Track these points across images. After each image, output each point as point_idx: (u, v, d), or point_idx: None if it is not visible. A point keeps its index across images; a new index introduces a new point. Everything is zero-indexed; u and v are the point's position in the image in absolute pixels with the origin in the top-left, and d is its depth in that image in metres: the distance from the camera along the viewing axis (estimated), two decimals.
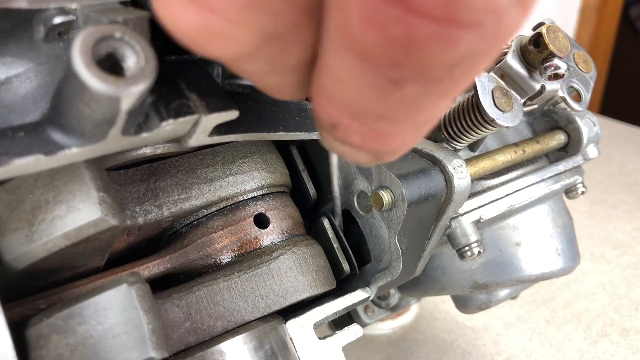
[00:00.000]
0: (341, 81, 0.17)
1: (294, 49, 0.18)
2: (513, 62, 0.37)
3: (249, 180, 0.36)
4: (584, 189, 0.47)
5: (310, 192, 0.41)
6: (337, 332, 0.36)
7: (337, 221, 0.40)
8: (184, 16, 0.16)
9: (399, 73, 0.16)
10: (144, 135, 0.24)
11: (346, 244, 0.40)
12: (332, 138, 0.20)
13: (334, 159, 0.35)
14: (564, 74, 0.36)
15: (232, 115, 0.25)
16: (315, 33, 0.17)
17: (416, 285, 0.48)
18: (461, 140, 0.38)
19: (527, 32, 0.38)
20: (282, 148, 0.41)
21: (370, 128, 0.18)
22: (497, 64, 0.38)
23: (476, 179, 0.42)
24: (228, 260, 0.35)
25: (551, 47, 0.36)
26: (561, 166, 0.45)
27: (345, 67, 0.16)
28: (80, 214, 0.26)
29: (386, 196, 0.35)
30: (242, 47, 0.17)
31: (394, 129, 0.19)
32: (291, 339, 0.35)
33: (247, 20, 0.16)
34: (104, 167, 0.29)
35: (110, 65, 0.20)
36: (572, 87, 0.41)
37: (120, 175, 0.32)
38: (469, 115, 0.37)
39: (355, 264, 0.40)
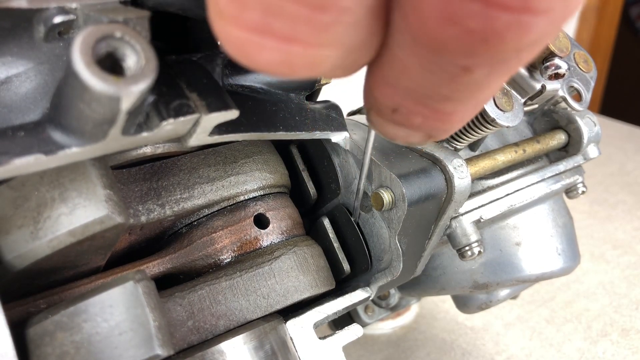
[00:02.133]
0: (408, 72, 0.17)
1: (369, 52, 0.18)
2: None
3: (251, 180, 0.36)
4: (584, 189, 0.47)
5: (310, 192, 0.41)
6: (337, 331, 0.36)
7: (354, 217, 0.39)
8: (263, 55, 0.16)
9: (472, 61, 0.16)
10: (144, 134, 0.24)
11: (362, 238, 0.39)
12: (388, 121, 0.20)
13: (371, 141, 0.34)
14: (564, 74, 0.36)
15: (232, 114, 0.25)
16: (384, 32, 0.18)
17: (416, 285, 0.48)
18: (461, 140, 0.38)
19: None
20: (282, 148, 0.41)
21: (433, 109, 0.19)
22: None
23: (476, 178, 0.42)
24: (228, 260, 0.35)
25: (551, 47, 0.36)
26: (561, 166, 0.45)
27: (415, 60, 0.17)
28: (87, 211, 0.26)
29: (386, 196, 0.35)
30: (326, 67, 0.17)
31: (457, 108, 0.19)
32: (291, 338, 0.35)
33: (332, 40, 0.16)
34: (109, 165, 0.29)
35: (111, 64, 0.20)
36: (572, 86, 0.41)
37: (123, 174, 0.32)
38: None
39: (369, 258, 0.39)
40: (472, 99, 0.19)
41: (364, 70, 0.20)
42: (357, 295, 0.38)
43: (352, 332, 0.37)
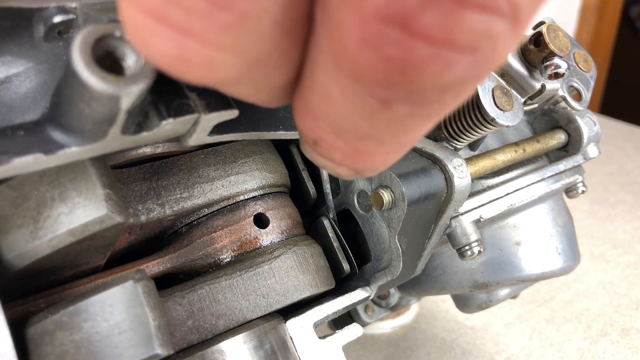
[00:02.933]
0: (328, 99, 0.17)
1: (279, 71, 0.17)
2: (513, 61, 0.37)
3: (250, 179, 0.36)
4: (584, 189, 0.47)
5: (310, 192, 0.41)
6: (337, 331, 0.36)
7: (331, 214, 0.39)
8: (158, 43, 0.15)
9: (390, 94, 0.16)
10: (144, 134, 0.24)
11: (346, 244, 0.40)
12: (313, 152, 0.20)
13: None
14: (564, 73, 0.36)
15: (232, 114, 0.25)
16: (301, 52, 0.17)
17: (416, 284, 0.48)
18: (461, 140, 0.38)
19: (527, 31, 0.38)
20: (282, 147, 0.41)
21: (353, 147, 0.18)
22: None
23: (476, 178, 0.42)
24: (228, 259, 0.35)
25: (551, 46, 0.36)
26: (561, 165, 0.45)
27: (335, 86, 0.16)
28: (86, 210, 0.26)
29: (386, 195, 0.35)
30: (225, 74, 0.16)
31: (377, 149, 0.19)
32: (291, 338, 0.35)
33: (231, 44, 0.15)
34: (108, 165, 0.29)
35: (110, 64, 0.20)
36: (572, 86, 0.41)
37: (122, 174, 0.32)
38: (469, 114, 0.37)
39: (355, 264, 0.39)
40: (393, 141, 0.18)
41: None
42: (357, 295, 0.38)
43: (352, 331, 0.37)
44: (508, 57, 0.37)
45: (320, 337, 0.35)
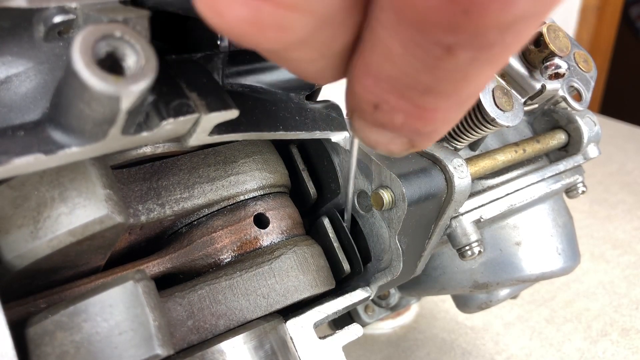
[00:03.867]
0: (391, 56, 0.17)
1: (344, 31, 0.18)
2: (513, 61, 0.37)
3: (250, 180, 0.36)
4: (584, 189, 0.47)
5: (310, 192, 0.41)
6: (337, 331, 0.36)
7: (346, 220, 0.39)
8: (232, 10, 0.16)
9: (454, 38, 0.16)
10: (144, 134, 0.24)
11: (353, 242, 0.39)
12: (369, 123, 0.20)
13: (355, 152, 0.34)
14: (564, 74, 0.36)
15: (232, 114, 0.25)
16: (363, 11, 0.17)
17: (416, 284, 0.48)
18: (462, 140, 0.38)
19: None
20: (282, 147, 0.41)
21: (415, 104, 0.18)
22: None
23: (476, 178, 0.42)
24: (228, 260, 0.35)
25: (551, 47, 0.36)
26: (561, 165, 0.45)
27: (397, 40, 0.16)
28: (86, 210, 0.26)
29: (386, 195, 0.35)
30: (296, 35, 0.17)
31: (439, 104, 0.19)
32: (291, 338, 0.35)
33: (302, 3, 0.16)
34: (108, 165, 0.29)
35: (110, 64, 0.20)
36: (572, 86, 0.41)
37: (122, 174, 0.32)
38: (469, 114, 0.37)
39: (361, 262, 0.39)
40: (456, 92, 0.18)
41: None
42: (357, 295, 0.38)
43: (352, 331, 0.37)
44: None
45: (320, 337, 0.35)
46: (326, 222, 0.40)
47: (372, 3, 0.17)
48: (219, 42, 0.30)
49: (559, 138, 0.46)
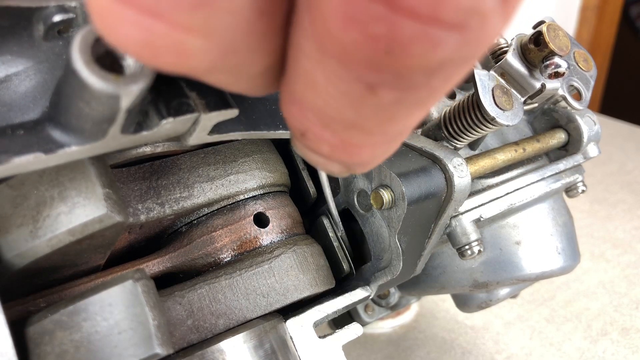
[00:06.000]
0: (314, 86, 0.16)
1: (258, 57, 0.16)
2: (513, 60, 0.37)
3: (250, 179, 0.36)
4: (584, 188, 0.47)
5: (310, 191, 0.41)
6: (337, 330, 0.36)
7: (339, 230, 0.39)
8: (123, 28, 0.14)
9: (376, 77, 0.15)
10: (144, 133, 0.24)
11: (345, 245, 0.40)
12: (302, 146, 0.19)
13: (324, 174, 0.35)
14: (564, 73, 0.36)
15: (231, 113, 0.25)
16: (282, 36, 0.16)
17: (416, 284, 0.48)
18: (461, 139, 0.38)
19: (527, 30, 0.38)
20: (282, 147, 0.41)
21: (340, 138, 0.18)
22: (497, 63, 0.38)
23: (476, 177, 0.42)
24: (228, 259, 0.35)
25: (551, 46, 0.36)
26: (561, 165, 0.45)
27: (320, 71, 0.15)
28: (86, 210, 0.26)
29: (386, 195, 0.34)
30: (198, 61, 0.15)
31: (365, 140, 0.18)
32: (291, 337, 0.35)
33: (201, 26, 0.14)
34: (108, 164, 0.29)
35: (110, 63, 0.20)
36: (572, 85, 0.41)
37: (122, 173, 0.32)
38: (469, 113, 0.37)
39: (352, 265, 0.39)
40: (381, 131, 0.17)
41: None
42: (357, 294, 0.38)
43: (352, 331, 0.37)
44: (508, 56, 0.37)
45: (320, 337, 0.35)
46: (326, 221, 0.40)
47: (293, 27, 0.16)
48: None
49: (559, 137, 0.46)
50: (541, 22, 0.37)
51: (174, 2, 0.14)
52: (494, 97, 0.35)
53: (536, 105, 0.46)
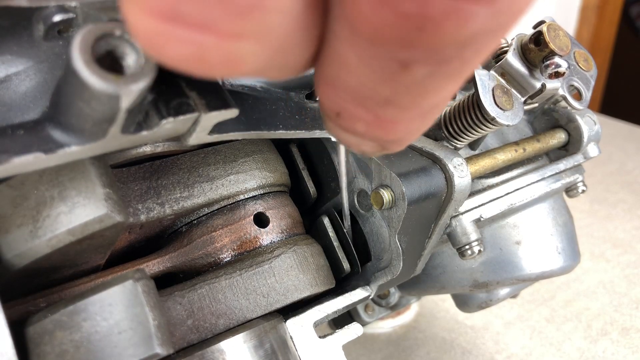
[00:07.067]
0: (347, 67, 0.16)
1: (303, 49, 0.17)
2: (514, 60, 0.37)
3: (250, 179, 0.36)
4: (584, 188, 0.47)
5: (310, 191, 0.41)
6: (337, 330, 0.36)
7: (346, 223, 0.39)
8: (173, 47, 0.14)
9: (409, 54, 0.15)
10: (144, 133, 0.23)
11: (351, 243, 0.40)
12: (337, 127, 0.20)
13: (342, 153, 0.34)
14: (564, 73, 0.36)
15: (232, 113, 0.25)
16: (322, 24, 0.16)
17: (416, 283, 0.48)
18: (462, 139, 0.38)
19: (527, 30, 0.38)
20: (282, 146, 0.41)
21: (375, 115, 0.18)
22: (497, 63, 0.38)
23: (476, 177, 0.42)
24: (228, 259, 0.35)
25: (552, 46, 0.36)
26: (562, 165, 0.45)
27: (353, 53, 0.16)
28: (86, 210, 0.26)
29: (386, 195, 0.34)
30: (250, 66, 0.15)
31: (400, 116, 0.18)
32: (291, 337, 0.35)
33: (252, 30, 0.14)
34: (108, 164, 0.29)
35: (110, 63, 0.20)
36: (572, 85, 0.41)
37: (122, 173, 0.32)
38: (469, 113, 0.37)
39: (358, 262, 0.39)
40: (415, 105, 0.18)
41: None
42: (357, 294, 0.38)
43: (352, 331, 0.37)
44: (508, 55, 0.37)
45: (320, 337, 0.35)
46: (326, 221, 0.40)
47: (329, 13, 0.16)
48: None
49: (559, 137, 0.46)
50: (541, 22, 0.37)
51: (222, 12, 0.13)
52: (494, 97, 0.35)
53: (536, 105, 0.46)
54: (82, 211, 0.26)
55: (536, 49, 0.36)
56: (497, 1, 0.14)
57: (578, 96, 0.42)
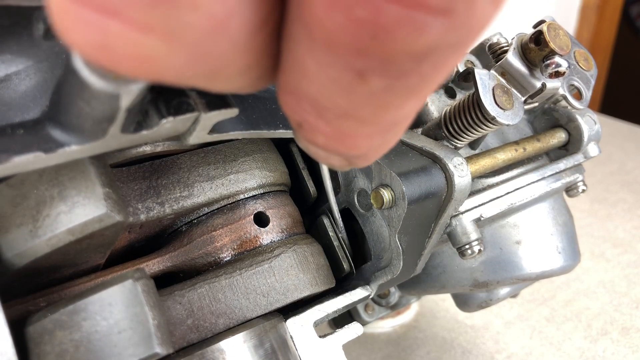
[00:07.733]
0: (306, 75, 0.16)
1: (239, 57, 0.15)
2: (514, 59, 0.37)
3: (250, 178, 0.36)
4: (584, 188, 0.47)
5: (310, 190, 0.41)
6: (337, 330, 0.36)
7: (340, 230, 0.39)
8: (79, 29, 0.13)
9: (364, 63, 0.14)
10: (144, 132, 0.23)
11: (345, 244, 0.40)
12: (301, 138, 0.19)
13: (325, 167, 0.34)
14: (564, 72, 0.36)
15: (232, 113, 0.25)
16: (267, 30, 0.15)
17: (416, 283, 0.48)
18: (462, 138, 0.38)
19: (527, 29, 0.38)
20: (282, 146, 0.41)
21: (334, 128, 0.17)
22: (497, 62, 0.38)
23: (477, 177, 0.42)
24: (228, 258, 0.35)
25: (552, 45, 0.36)
26: (562, 164, 0.45)
27: (311, 59, 0.15)
28: (86, 209, 0.26)
29: (387, 194, 0.34)
30: (163, 68, 0.14)
31: (359, 130, 0.17)
32: (291, 337, 0.35)
33: (161, 25, 0.12)
34: (108, 164, 0.29)
35: None
36: (572, 85, 0.41)
37: (122, 173, 0.32)
38: (469, 113, 0.37)
39: (352, 264, 0.39)
40: (374, 120, 0.17)
41: None
42: (357, 294, 0.38)
43: (352, 330, 0.37)
44: (508, 55, 0.37)
45: (320, 336, 0.35)
46: (326, 220, 0.40)
47: (284, 17, 0.15)
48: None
49: (559, 137, 0.46)
50: (541, 22, 0.37)
51: None
52: (494, 97, 0.35)
53: (536, 104, 0.46)
54: (82, 210, 0.26)
55: (536, 49, 0.36)
56: (454, 14, 0.13)
57: (578, 96, 0.42)
